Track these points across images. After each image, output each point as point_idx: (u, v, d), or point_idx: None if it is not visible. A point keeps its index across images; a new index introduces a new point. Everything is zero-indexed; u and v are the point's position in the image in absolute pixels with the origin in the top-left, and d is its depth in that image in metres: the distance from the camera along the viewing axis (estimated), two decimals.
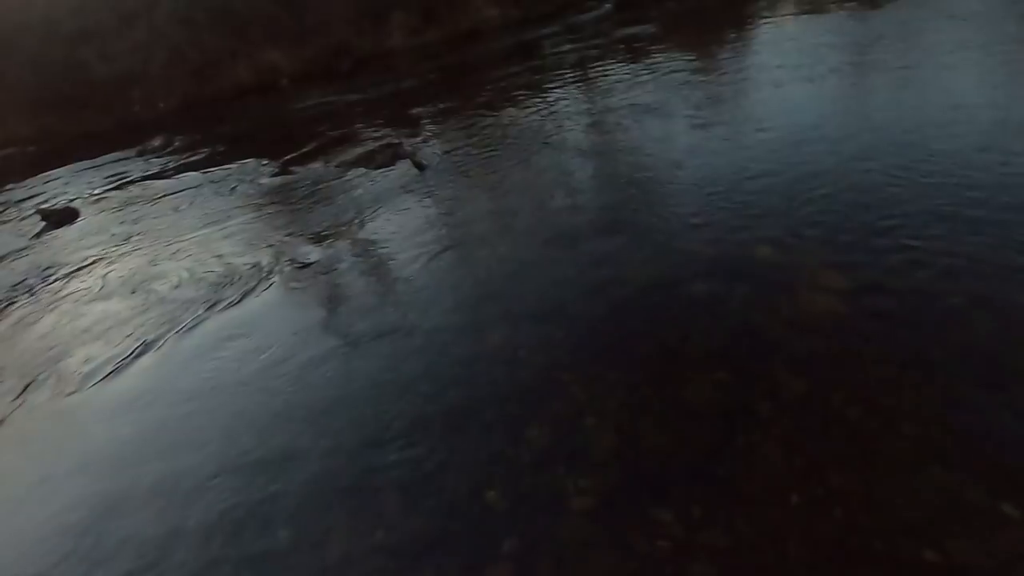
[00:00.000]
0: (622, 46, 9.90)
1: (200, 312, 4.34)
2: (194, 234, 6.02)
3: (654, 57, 8.64)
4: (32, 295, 5.49)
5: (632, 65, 8.49)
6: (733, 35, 9.23)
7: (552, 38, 12.49)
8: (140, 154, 10.65)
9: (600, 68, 8.81)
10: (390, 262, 4.44)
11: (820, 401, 2.44)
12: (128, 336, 4.24)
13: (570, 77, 8.82)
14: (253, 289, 4.51)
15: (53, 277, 5.80)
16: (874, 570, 1.79)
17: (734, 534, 1.97)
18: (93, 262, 5.94)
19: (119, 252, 6.06)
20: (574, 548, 2.04)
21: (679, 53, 8.63)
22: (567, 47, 11.13)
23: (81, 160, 11.60)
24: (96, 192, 8.86)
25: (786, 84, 6.22)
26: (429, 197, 5.52)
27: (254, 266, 4.87)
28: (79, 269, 5.84)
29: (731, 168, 4.62)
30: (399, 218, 5.20)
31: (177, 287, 4.85)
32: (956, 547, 1.80)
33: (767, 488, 2.12)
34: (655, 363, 2.86)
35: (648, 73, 7.85)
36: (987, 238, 3.16)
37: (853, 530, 1.92)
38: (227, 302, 4.40)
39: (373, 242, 4.86)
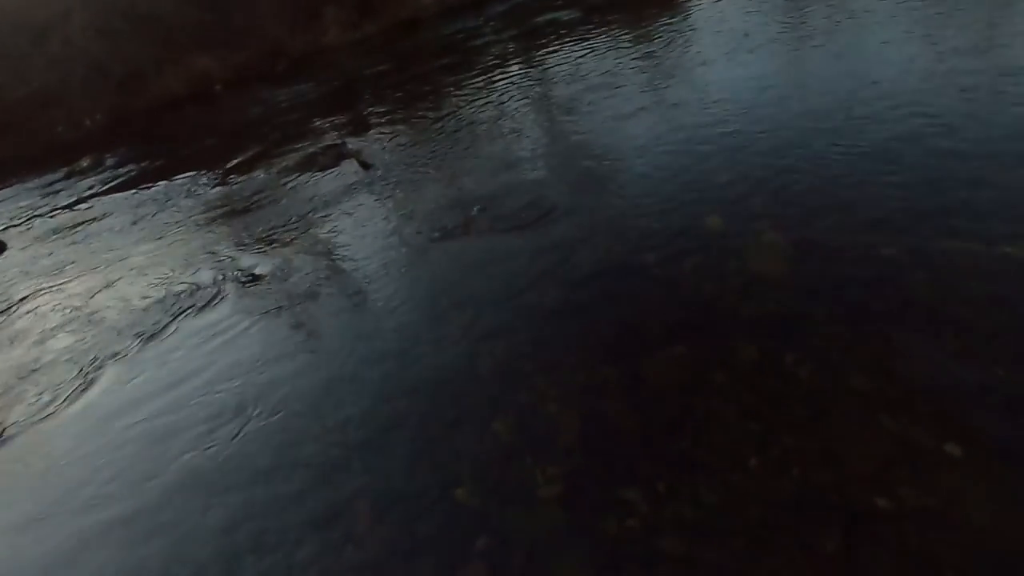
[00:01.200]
0: (562, 30, 9.86)
1: (130, 344, 4.16)
2: (131, 257, 5.76)
3: (593, 39, 8.64)
4: None
5: (573, 48, 8.47)
6: (664, 14, 9.29)
7: (492, 23, 12.35)
8: (69, 176, 10.12)
9: (542, 51, 8.76)
10: (341, 266, 4.34)
11: (773, 365, 2.50)
12: (58, 379, 4.04)
13: (513, 62, 8.75)
14: (193, 310, 4.35)
15: None
16: (831, 522, 1.84)
17: (699, 505, 2.01)
18: (21, 299, 5.62)
19: (51, 285, 5.75)
20: (545, 538, 2.04)
21: (616, 33, 8.65)
22: (507, 32, 11.03)
23: (5, 188, 10.95)
24: (23, 220, 8.38)
25: (720, 60, 6.30)
26: (377, 196, 5.41)
27: (195, 287, 4.69)
28: (8, 308, 5.52)
29: (676, 144, 4.67)
30: (347, 220, 5.08)
31: (109, 318, 4.63)
32: (906, 492, 1.87)
33: (727, 455, 2.16)
34: (613, 343, 2.87)
35: (589, 54, 7.85)
36: (917, 194, 3.28)
37: (809, 486, 1.98)
38: (165, 328, 4.23)
39: (322, 247, 4.74)
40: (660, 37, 7.63)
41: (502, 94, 7.31)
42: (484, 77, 8.29)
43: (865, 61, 5.16)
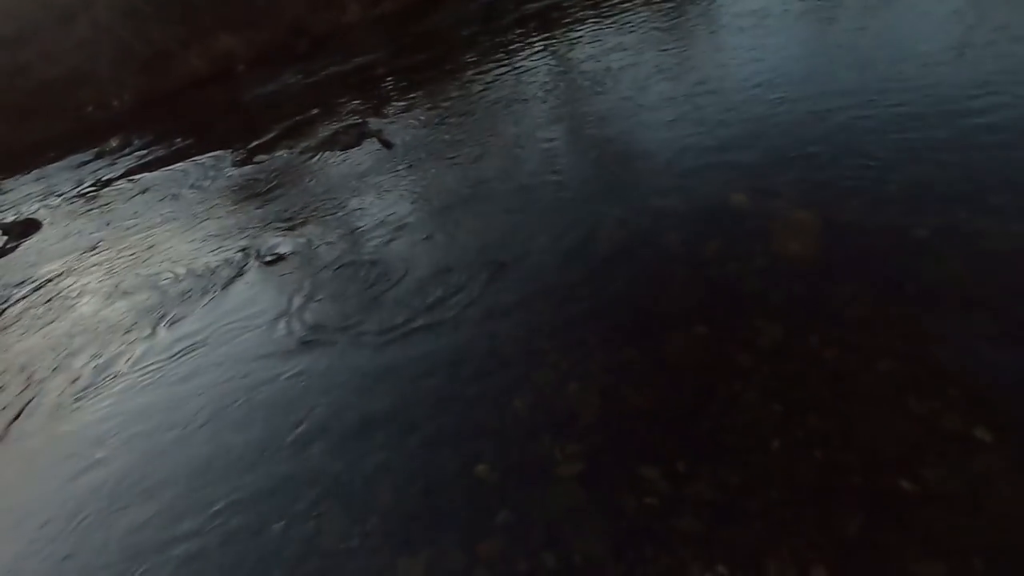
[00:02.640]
0: (586, 4, 9.65)
1: (168, 315, 4.26)
2: (160, 235, 5.88)
3: (619, 14, 8.44)
4: None
5: (597, 23, 8.29)
6: None
7: None
8: (98, 156, 10.33)
9: (566, 26, 8.60)
10: (364, 245, 4.37)
11: (797, 346, 2.47)
12: (96, 354, 4.17)
13: (536, 38, 8.61)
14: (224, 286, 4.44)
15: (16, 296, 5.66)
16: (854, 505, 1.83)
17: (719, 485, 2.00)
18: (59, 275, 5.80)
19: (84, 262, 5.92)
20: (564, 514, 2.06)
21: (642, 8, 8.43)
22: (530, 7, 10.83)
23: (37, 168, 11.23)
24: (56, 200, 8.61)
25: (744, 36, 6.11)
26: (398, 175, 5.41)
27: (220, 266, 4.77)
28: (46, 282, 5.70)
29: (701, 122, 4.56)
30: (369, 200, 5.10)
31: (142, 294, 4.75)
32: (931, 475, 1.85)
33: (748, 436, 2.15)
34: (635, 323, 2.86)
35: (613, 29, 7.68)
36: (951, 173, 3.16)
37: (832, 468, 1.96)
38: (197, 302, 4.33)
39: (345, 226, 4.77)
40: (684, 13, 7.41)
41: (524, 71, 7.21)
42: (506, 54, 8.18)
43: (900, 36, 4.96)
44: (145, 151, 9.80)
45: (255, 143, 7.90)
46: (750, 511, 1.90)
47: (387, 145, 6.08)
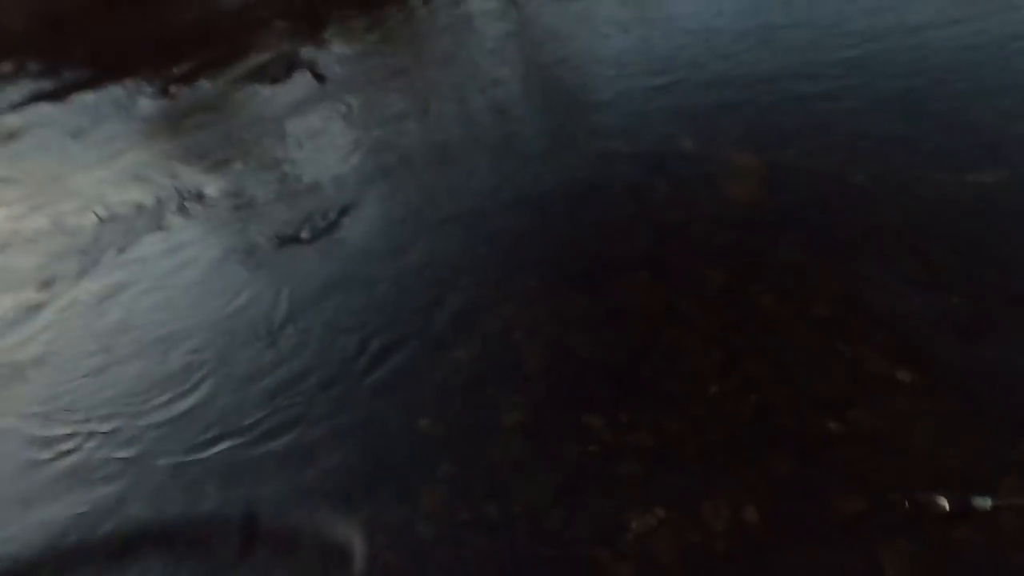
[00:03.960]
0: None
1: (81, 267, 3.92)
2: (70, 175, 5.34)
3: None
4: None
5: None
6: None
7: None
8: None
9: None
10: (293, 186, 4.11)
11: (738, 293, 2.50)
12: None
13: None
14: (137, 232, 4.10)
15: None
16: (785, 446, 1.90)
17: (659, 432, 2.04)
18: None
19: None
20: (507, 464, 2.06)
21: None
22: None
23: None
24: None
25: None
26: (332, 111, 5.06)
27: (139, 207, 4.40)
28: None
29: (650, 64, 4.44)
30: (300, 137, 4.77)
31: (51, 241, 4.34)
32: (857, 416, 1.93)
33: (688, 383, 2.18)
34: (581, 270, 2.82)
35: None
36: (891, 122, 3.21)
37: (766, 412, 2.02)
38: (112, 249, 3.99)
39: (271, 166, 4.46)
40: None
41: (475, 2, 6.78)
42: None
43: None
44: (45, 79, 8.78)
45: (173, 73, 7.19)
46: (688, 455, 1.94)
47: (320, 79, 5.65)
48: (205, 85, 6.50)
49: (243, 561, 1.69)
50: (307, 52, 6.41)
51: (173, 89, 6.66)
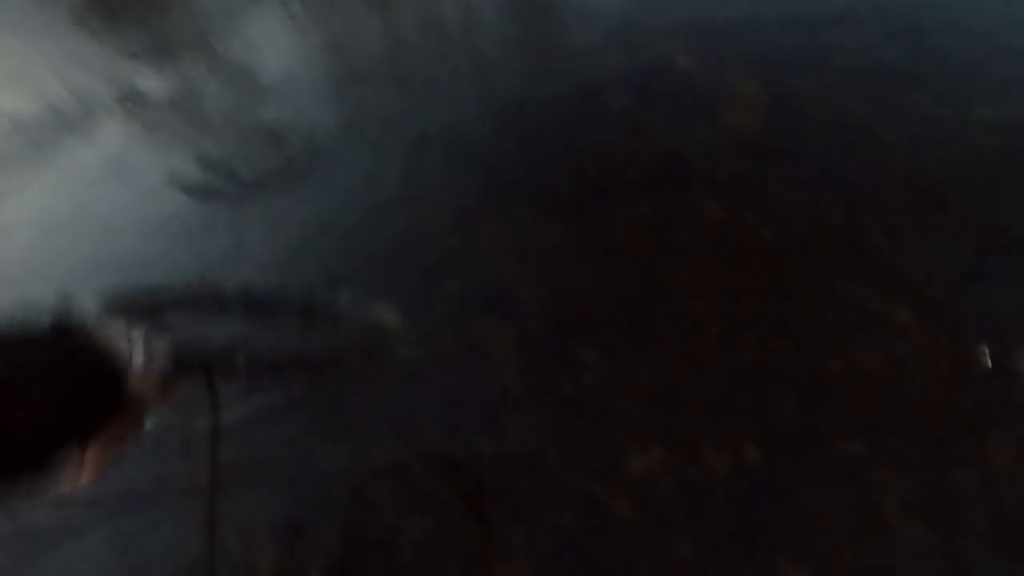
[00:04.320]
0: None
1: (16, 168, 3.50)
2: None
3: None
4: None
5: None
6: None
7: None
8: None
9: None
10: (250, 91, 3.71)
11: (738, 228, 2.40)
12: None
13: None
14: (66, 136, 3.66)
15: None
16: (786, 385, 1.87)
17: (657, 369, 1.98)
18: None
19: None
20: (498, 397, 1.97)
21: None
22: None
23: None
24: None
25: None
26: (286, 9, 4.54)
27: (69, 107, 3.91)
28: None
29: None
30: (254, 37, 4.27)
31: None
32: (858, 355, 1.91)
33: (687, 320, 2.11)
34: (572, 197, 2.66)
35: None
36: (899, 52, 3.06)
37: (766, 351, 1.98)
38: (48, 149, 3.56)
39: (227, 67, 4.00)
40: None
41: None
42: None
43: None
44: None
45: None
46: (687, 394, 1.90)
47: None
48: None
49: None
50: None
51: None
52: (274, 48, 4.11)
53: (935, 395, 1.77)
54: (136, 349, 0.91)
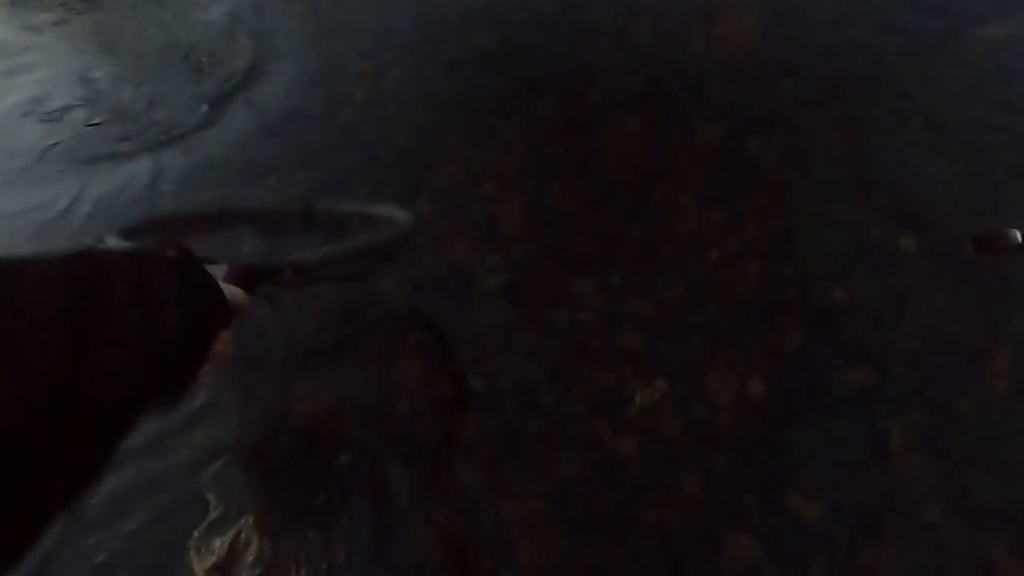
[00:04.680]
0: None
1: None
2: None
3: None
4: None
5: None
6: None
7: None
8: None
9: None
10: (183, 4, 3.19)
11: (735, 149, 2.25)
12: None
13: None
14: None
15: None
16: (789, 316, 1.80)
17: (657, 299, 1.86)
18: None
19: None
20: (490, 333, 1.82)
21: None
22: None
23: None
24: None
25: None
26: None
27: None
28: None
29: None
30: None
31: None
32: (861, 285, 1.85)
33: (686, 247, 1.99)
34: (558, 113, 2.43)
35: None
36: None
37: (768, 280, 1.89)
38: None
39: None
40: None
41: None
42: None
43: None
44: None
45: None
46: (689, 325, 1.80)
47: None
48: None
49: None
50: None
51: None
52: None
53: (939, 325, 1.74)
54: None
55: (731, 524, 1.45)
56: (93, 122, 2.60)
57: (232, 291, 0.71)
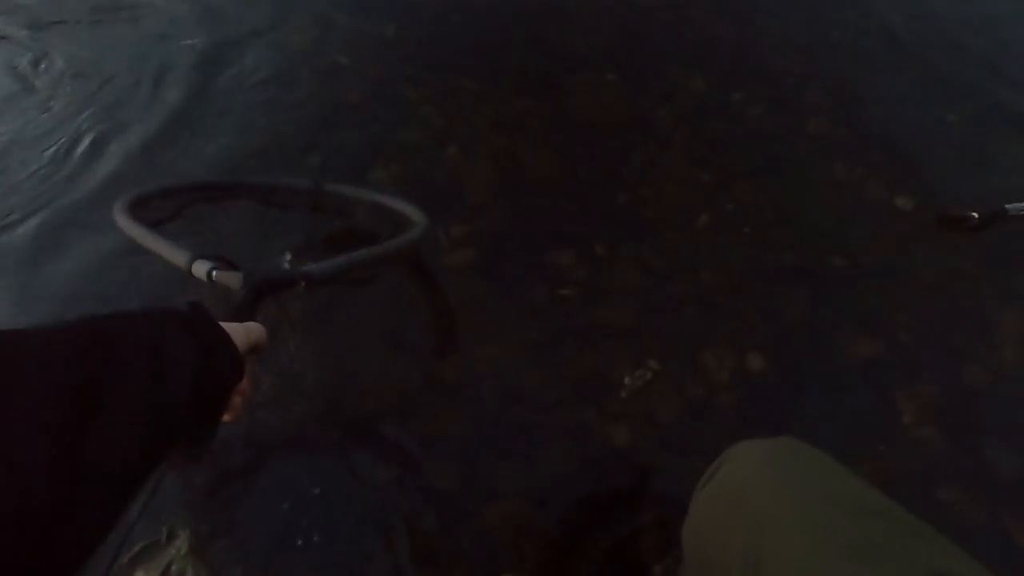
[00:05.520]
0: None
1: None
2: None
3: None
4: None
5: None
6: None
7: None
8: None
9: None
10: None
11: (721, 102, 2.07)
12: None
13: None
14: None
15: None
16: (787, 283, 1.66)
17: (643, 270, 1.69)
18: None
19: None
20: (462, 313, 1.62)
21: None
22: None
23: None
24: None
25: None
26: None
27: None
28: None
29: None
30: None
31: None
32: (861, 248, 1.72)
33: (672, 211, 1.82)
34: (527, 66, 2.19)
35: None
36: None
37: (763, 245, 1.74)
38: None
39: None
40: None
41: None
42: None
43: None
44: None
45: None
46: (679, 297, 1.64)
47: None
48: None
49: None
50: None
51: None
52: None
53: (943, 288, 1.62)
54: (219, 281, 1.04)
55: None
56: None
57: (252, 329, 0.69)
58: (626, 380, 1.49)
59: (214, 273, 1.05)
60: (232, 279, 1.02)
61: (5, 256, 1.62)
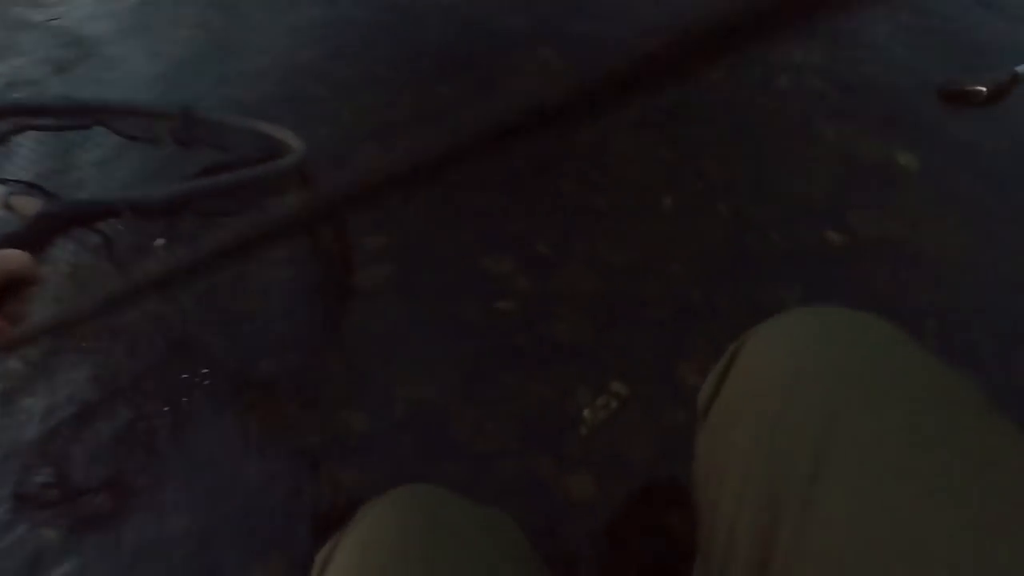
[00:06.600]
0: None
1: None
2: None
3: None
4: None
5: None
6: None
7: None
8: None
9: None
10: None
11: (677, 64, 1.76)
12: None
13: None
14: None
15: None
16: (777, 269, 1.35)
17: (601, 268, 1.37)
18: None
19: None
20: (377, 339, 1.30)
21: None
22: None
23: None
24: None
25: None
26: None
27: None
28: None
29: None
30: None
31: None
32: (859, 220, 1.41)
33: (631, 196, 1.51)
34: (455, 47, 1.88)
35: None
36: None
37: (743, 225, 1.43)
38: None
39: None
40: None
41: None
42: None
43: None
44: None
45: None
46: (647, 298, 1.32)
47: None
48: None
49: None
50: None
51: None
52: None
53: (952, 257, 1.33)
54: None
55: None
56: None
57: (7, 256, 0.57)
58: (586, 413, 1.17)
59: (11, 198, 0.96)
60: (28, 204, 0.93)
61: None
